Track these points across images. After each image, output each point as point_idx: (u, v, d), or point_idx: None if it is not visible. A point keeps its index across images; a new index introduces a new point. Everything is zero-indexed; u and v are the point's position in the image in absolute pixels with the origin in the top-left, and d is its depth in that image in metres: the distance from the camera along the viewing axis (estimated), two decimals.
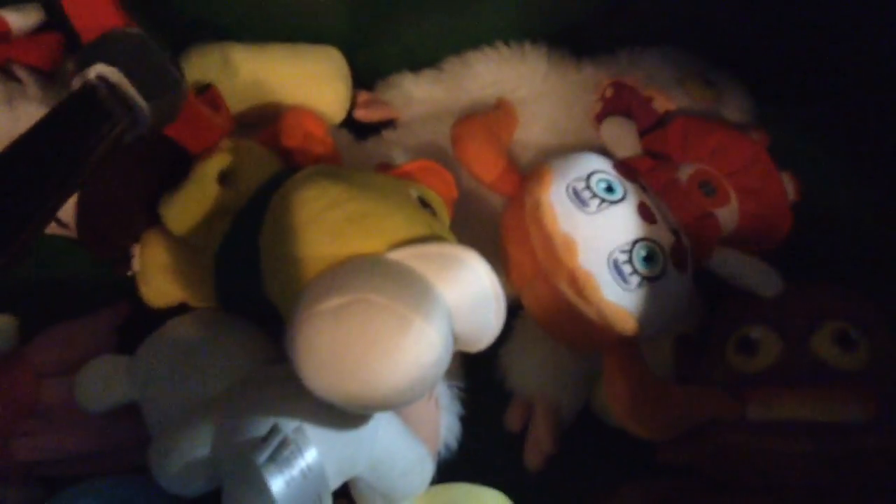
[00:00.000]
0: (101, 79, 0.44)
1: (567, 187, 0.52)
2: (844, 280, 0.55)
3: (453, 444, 0.58)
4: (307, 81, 0.64)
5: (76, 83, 0.44)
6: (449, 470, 0.56)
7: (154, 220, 0.54)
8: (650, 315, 0.51)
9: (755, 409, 0.51)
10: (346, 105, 0.67)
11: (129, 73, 0.44)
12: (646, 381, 0.51)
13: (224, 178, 0.53)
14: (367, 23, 0.65)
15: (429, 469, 0.51)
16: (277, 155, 0.56)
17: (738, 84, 0.65)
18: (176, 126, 0.51)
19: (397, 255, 0.44)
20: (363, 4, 0.64)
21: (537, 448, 0.59)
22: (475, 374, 0.60)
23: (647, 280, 0.51)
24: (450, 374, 0.59)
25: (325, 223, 0.45)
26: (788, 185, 0.60)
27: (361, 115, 0.67)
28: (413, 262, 0.44)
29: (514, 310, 0.57)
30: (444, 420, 0.57)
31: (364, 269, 0.43)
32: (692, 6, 0.64)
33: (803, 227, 0.58)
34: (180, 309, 0.56)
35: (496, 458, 0.60)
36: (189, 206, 0.52)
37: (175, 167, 0.54)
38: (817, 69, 0.65)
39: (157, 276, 0.55)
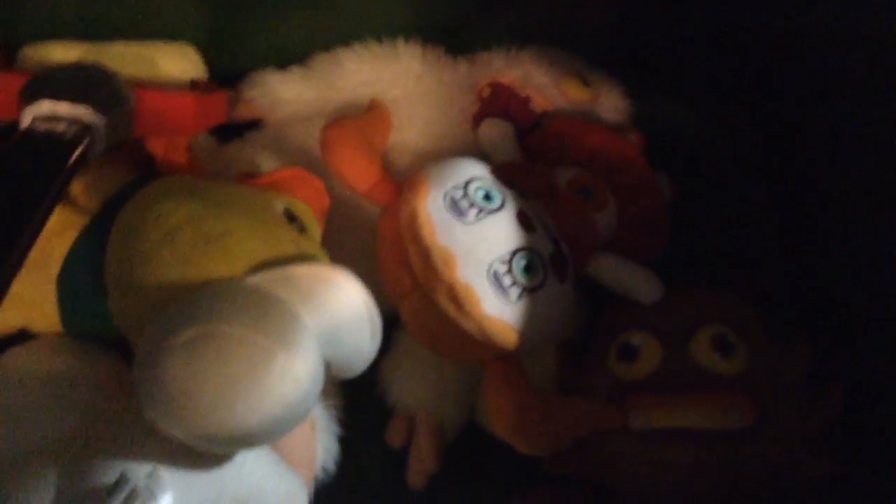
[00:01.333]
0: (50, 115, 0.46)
1: (444, 196, 0.50)
2: (722, 284, 0.55)
3: (331, 466, 0.55)
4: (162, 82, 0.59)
5: (26, 120, 0.46)
6: (327, 494, 0.54)
7: None
8: (532, 327, 0.49)
9: (636, 419, 0.50)
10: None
11: (78, 98, 0.46)
12: (528, 396, 0.50)
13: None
14: (225, 15, 0.61)
15: (303, 501, 0.48)
16: (127, 164, 0.51)
17: (614, 84, 0.64)
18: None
19: (257, 280, 0.41)
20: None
21: (421, 465, 0.57)
22: (353, 389, 0.57)
23: (528, 291, 0.49)
24: (325, 392, 0.55)
25: (177, 244, 0.41)
26: (665, 188, 0.60)
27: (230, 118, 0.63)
28: (276, 286, 0.40)
29: (394, 321, 0.54)
30: (320, 442, 0.54)
31: (220, 297, 0.39)
32: (567, 4, 0.63)
33: (681, 230, 0.58)
34: (20, 336, 0.51)
35: (378, 477, 0.58)
36: None
37: None
38: (692, 67, 0.65)
39: None
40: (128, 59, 0.58)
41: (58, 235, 0.47)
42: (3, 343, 0.50)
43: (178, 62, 0.60)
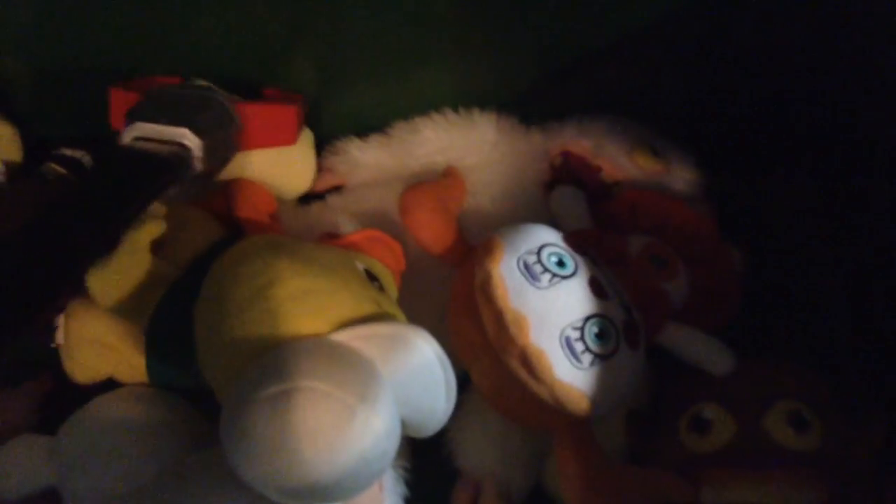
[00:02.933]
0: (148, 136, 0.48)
1: (518, 261, 0.51)
2: (796, 358, 0.55)
3: None
4: (284, 162, 0.62)
5: (125, 139, 0.49)
6: None
7: (80, 290, 0.51)
8: (603, 394, 0.49)
9: (708, 493, 0.49)
10: (312, 179, 0.65)
11: (178, 121, 0.49)
12: (599, 465, 0.49)
13: (158, 247, 0.50)
14: (325, 89, 0.64)
15: None
16: (218, 222, 0.53)
17: (685, 155, 0.65)
18: None
19: (342, 337, 0.42)
20: (325, 70, 0.63)
21: None
22: (421, 450, 0.57)
23: (600, 358, 0.49)
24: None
25: (267, 300, 0.42)
26: (736, 258, 0.60)
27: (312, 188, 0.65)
28: (359, 343, 0.42)
29: (463, 384, 0.55)
30: (387, 503, 0.54)
31: (306, 353, 0.40)
32: (640, 76, 0.64)
33: (754, 302, 0.58)
34: (108, 385, 0.53)
35: None
36: (118, 277, 0.48)
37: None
38: (765, 142, 0.66)
39: (83, 350, 0.52)
40: None
41: (149, 288, 0.49)
42: (92, 390, 0.52)
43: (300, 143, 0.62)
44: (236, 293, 0.43)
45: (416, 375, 0.42)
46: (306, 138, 0.64)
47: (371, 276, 0.49)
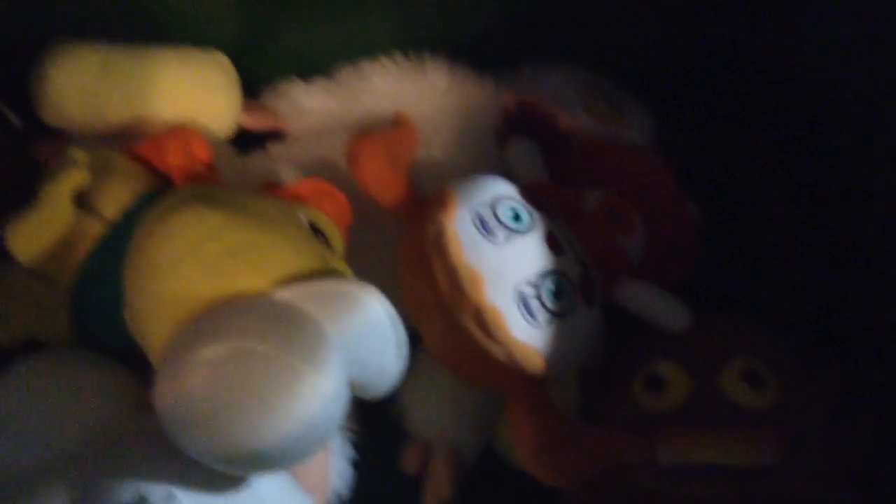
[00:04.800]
0: None
1: (473, 214, 0.49)
2: (751, 315, 0.54)
3: (345, 491, 0.54)
4: (196, 90, 0.58)
5: None
6: None
7: None
8: (559, 353, 0.48)
9: (665, 453, 0.49)
10: (235, 118, 0.61)
11: None
12: (554, 426, 0.48)
13: (81, 198, 0.46)
14: (254, 25, 0.60)
15: None
16: (147, 172, 0.49)
17: (642, 107, 0.64)
18: None
19: (286, 295, 0.39)
20: (251, 5, 0.58)
21: (436, 492, 0.55)
22: (369, 411, 0.55)
23: (556, 316, 0.48)
24: None
25: (202, 257, 0.39)
26: (692, 212, 0.59)
27: (246, 121, 0.62)
28: (304, 302, 0.39)
29: (413, 342, 0.52)
30: (334, 467, 0.53)
31: (247, 313, 0.38)
32: (595, 25, 0.62)
33: (709, 258, 0.57)
34: (31, 346, 0.49)
35: (397, 502, 0.56)
36: (38, 232, 0.45)
37: (22, 181, 0.47)
38: (722, 93, 0.65)
39: (2, 309, 0.48)
40: (166, 63, 0.57)
41: (74, 244, 0.46)
42: (10, 354, 0.48)
43: (213, 70, 0.59)
44: (168, 248, 0.40)
45: (364, 334, 0.41)
46: (222, 64, 0.60)
47: (316, 230, 0.46)
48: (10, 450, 0.42)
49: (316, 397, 0.37)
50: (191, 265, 0.40)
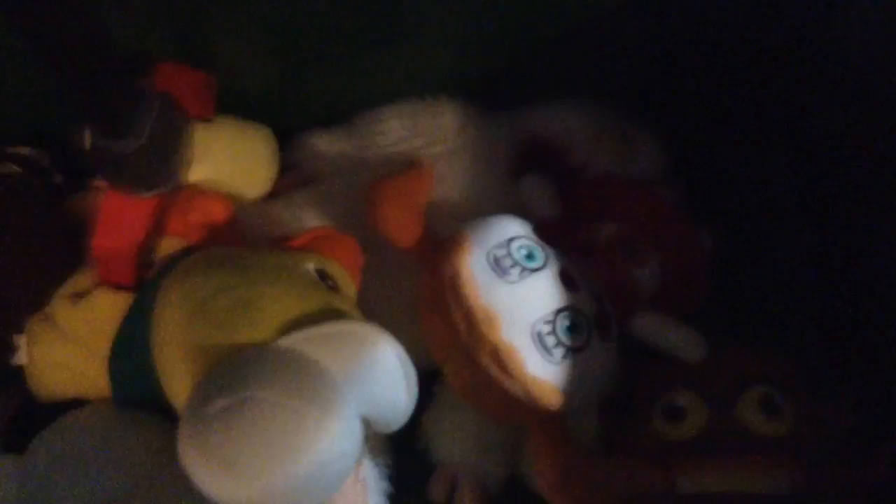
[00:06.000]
0: None
1: (487, 255, 0.50)
2: (767, 343, 0.55)
3: None
4: (244, 161, 0.60)
5: None
6: None
7: (39, 308, 0.50)
8: (576, 387, 0.49)
9: (683, 482, 0.49)
10: (272, 178, 0.63)
11: None
12: (573, 458, 0.49)
13: None
14: (285, 76, 0.62)
15: None
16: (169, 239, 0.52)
17: (653, 137, 0.64)
18: None
19: (287, 342, 0.41)
20: (285, 56, 0.61)
21: None
22: (400, 445, 0.57)
23: (572, 351, 0.49)
24: (375, 450, 0.56)
25: (211, 312, 0.42)
26: (705, 240, 0.60)
27: (277, 187, 0.64)
28: (306, 346, 0.41)
29: (435, 375, 0.54)
30: (372, 501, 0.54)
31: (251, 363, 0.40)
32: (605, 58, 0.63)
33: (723, 286, 0.58)
34: (76, 402, 0.52)
35: None
36: (91, 317, 0.49)
37: (64, 246, 0.50)
38: (734, 122, 0.65)
39: (47, 371, 0.51)
40: (227, 134, 0.59)
41: (108, 315, 0.49)
42: (60, 406, 0.51)
43: (260, 143, 0.61)
44: (182, 308, 0.43)
45: (372, 372, 0.42)
46: (263, 137, 0.62)
47: (323, 276, 0.48)
48: (52, 498, 0.45)
49: (325, 436, 0.38)
50: (201, 320, 0.42)
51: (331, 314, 0.44)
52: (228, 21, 0.56)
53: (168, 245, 0.53)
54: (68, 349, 0.50)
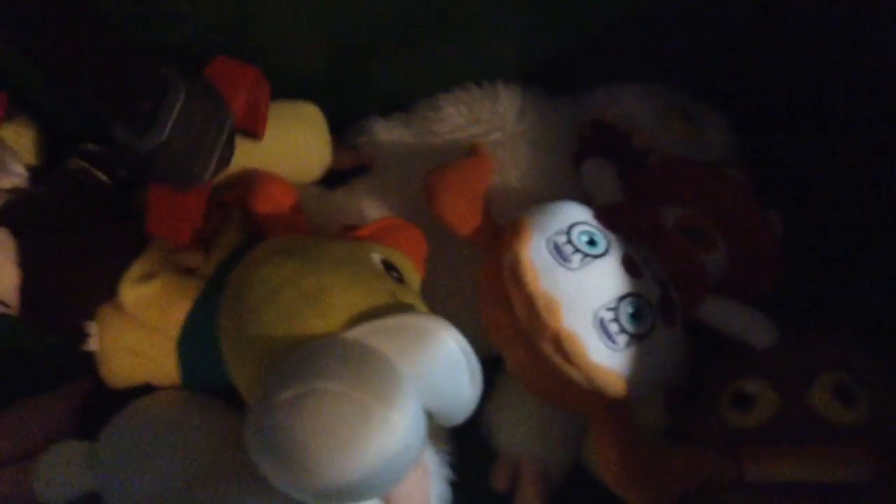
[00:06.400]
0: None
1: (547, 242, 0.50)
2: (841, 329, 0.53)
3: None
4: (293, 144, 0.61)
5: None
6: None
7: (110, 295, 0.51)
8: (640, 375, 0.48)
9: (752, 471, 0.48)
10: (326, 166, 0.63)
11: None
12: (638, 447, 0.48)
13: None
14: (342, 67, 0.62)
15: None
16: (238, 229, 0.53)
17: (720, 119, 0.63)
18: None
19: (355, 334, 0.41)
20: (341, 50, 0.61)
21: None
22: (462, 432, 0.56)
23: (636, 338, 0.48)
24: (436, 438, 0.56)
25: (278, 302, 0.43)
26: (775, 224, 0.58)
27: (334, 164, 0.64)
28: (373, 338, 0.41)
29: (498, 363, 0.54)
30: (434, 489, 0.55)
31: (318, 354, 0.40)
32: (670, 40, 0.61)
33: (795, 271, 0.56)
34: (146, 388, 0.53)
35: None
36: (158, 299, 0.50)
37: (132, 237, 0.52)
38: (802, 104, 0.63)
39: (118, 358, 0.52)
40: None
41: (178, 301, 0.50)
42: (130, 393, 0.52)
43: (307, 124, 0.62)
44: (250, 298, 0.43)
45: (436, 365, 0.42)
46: (315, 120, 0.62)
47: (389, 267, 0.48)
48: (128, 485, 0.47)
49: (389, 430, 0.39)
50: (269, 310, 0.43)
51: (397, 306, 0.45)
52: (283, 6, 0.55)
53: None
54: (138, 335, 0.52)
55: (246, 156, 0.57)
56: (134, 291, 0.50)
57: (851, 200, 0.62)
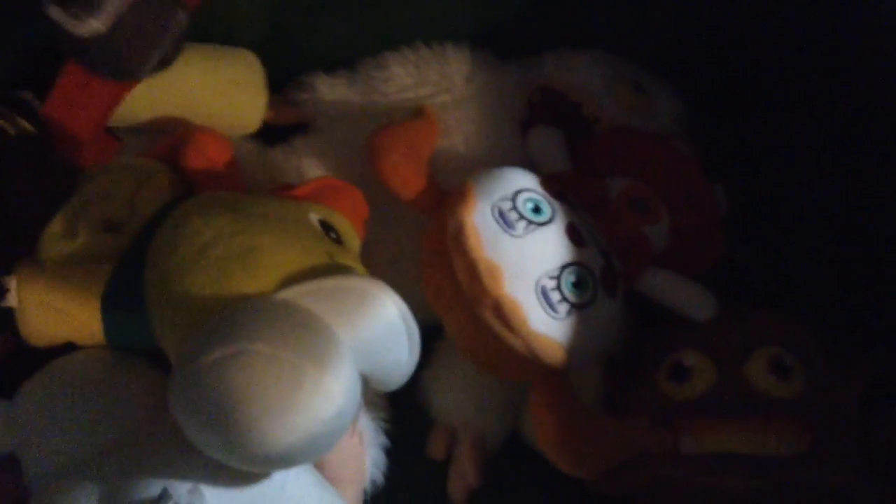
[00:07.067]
0: None
1: (492, 208, 0.49)
2: (779, 305, 0.53)
3: (380, 479, 0.54)
4: (225, 89, 0.58)
5: None
6: None
7: (30, 250, 0.48)
8: (580, 345, 0.48)
9: (687, 442, 0.48)
10: (262, 115, 0.61)
11: None
12: (576, 417, 0.48)
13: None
14: (283, 22, 0.60)
15: None
16: (167, 184, 0.51)
17: (669, 91, 0.62)
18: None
19: (288, 294, 0.40)
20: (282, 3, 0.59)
21: (462, 479, 0.56)
22: (398, 400, 0.56)
23: (577, 307, 0.48)
24: (373, 405, 0.55)
25: (208, 260, 0.41)
26: (721, 199, 0.58)
27: (271, 118, 0.62)
28: (307, 300, 0.39)
29: (437, 330, 0.53)
30: (369, 456, 0.54)
31: (249, 314, 0.39)
32: (622, 9, 0.61)
33: (738, 244, 0.56)
34: (68, 347, 0.51)
35: (422, 488, 0.56)
36: (76, 257, 0.47)
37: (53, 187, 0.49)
38: (752, 79, 0.63)
39: (38, 315, 0.49)
40: (197, 61, 0.57)
41: (101, 258, 0.48)
42: (50, 352, 0.50)
43: (242, 69, 0.60)
44: (177, 255, 0.41)
45: (375, 330, 0.40)
46: (253, 66, 0.60)
47: (327, 228, 0.46)
48: (45, 448, 0.44)
49: (322, 395, 0.37)
50: (197, 268, 0.41)
51: (334, 268, 0.43)
52: None
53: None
54: (60, 292, 0.49)
55: (177, 94, 0.55)
56: (55, 248, 0.48)
57: (796, 177, 0.62)
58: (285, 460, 0.38)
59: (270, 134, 0.62)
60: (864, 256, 0.58)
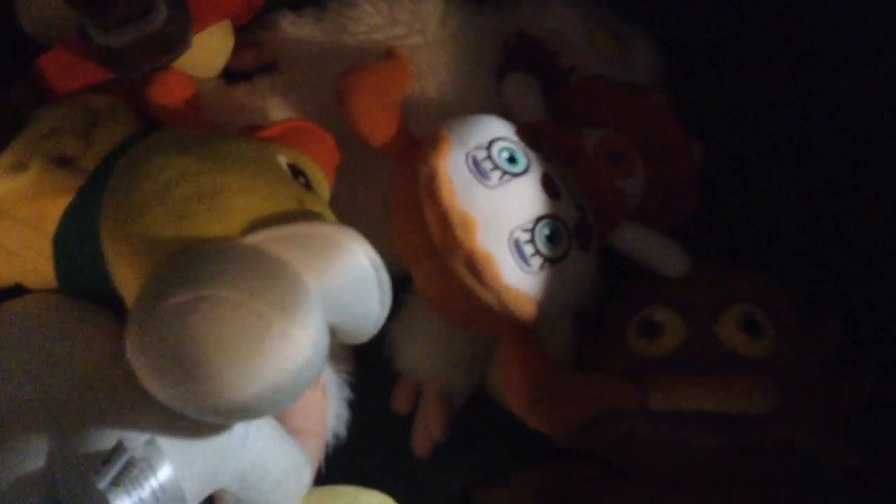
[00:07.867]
0: None
1: (466, 156, 0.47)
2: (751, 262, 0.53)
3: (343, 432, 0.54)
4: None
5: None
6: (336, 459, 0.53)
7: None
8: (552, 299, 0.47)
9: (656, 398, 0.48)
10: (228, 54, 0.58)
11: None
12: (545, 372, 0.48)
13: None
14: None
15: (307, 476, 0.46)
16: (127, 119, 0.48)
17: (648, 41, 0.61)
18: None
19: (255, 239, 0.38)
20: None
21: (426, 432, 0.55)
22: (361, 351, 0.55)
23: (550, 261, 0.46)
24: (336, 357, 0.54)
25: (170, 200, 0.38)
26: (696, 154, 0.57)
27: (235, 63, 0.59)
28: (275, 246, 0.38)
29: (404, 282, 0.52)
30: (332, 409, 0.53)
31: (214, 259, 0.37)
32: None
33: (711, 202, 0.55)
34: (17, 289, 0.48)
35: (386, 441, 0.56)
36: (27, 191, 0.45)
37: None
38: (733, 32, 0.62)
39: None
40: None
41: (54, 195, 0.45)
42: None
43: None
44: (137, 193, 0.39)
45: (345, 279, 0.39)
46: None
47: (296, 172, 0.44)
48: None
49: (288, 345, 0.36)
50: (158, 207, 0.38)
51: (303, 214, 0.41)
52: None
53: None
54: (8, 231, 0.46)
55: None
56: (2, 183, 0.45)
57: (773, 135, 0.62)
58: (247, 412, 0.37)
59: (234, 73, 0.59)
60: (839, 216, 0.57)
